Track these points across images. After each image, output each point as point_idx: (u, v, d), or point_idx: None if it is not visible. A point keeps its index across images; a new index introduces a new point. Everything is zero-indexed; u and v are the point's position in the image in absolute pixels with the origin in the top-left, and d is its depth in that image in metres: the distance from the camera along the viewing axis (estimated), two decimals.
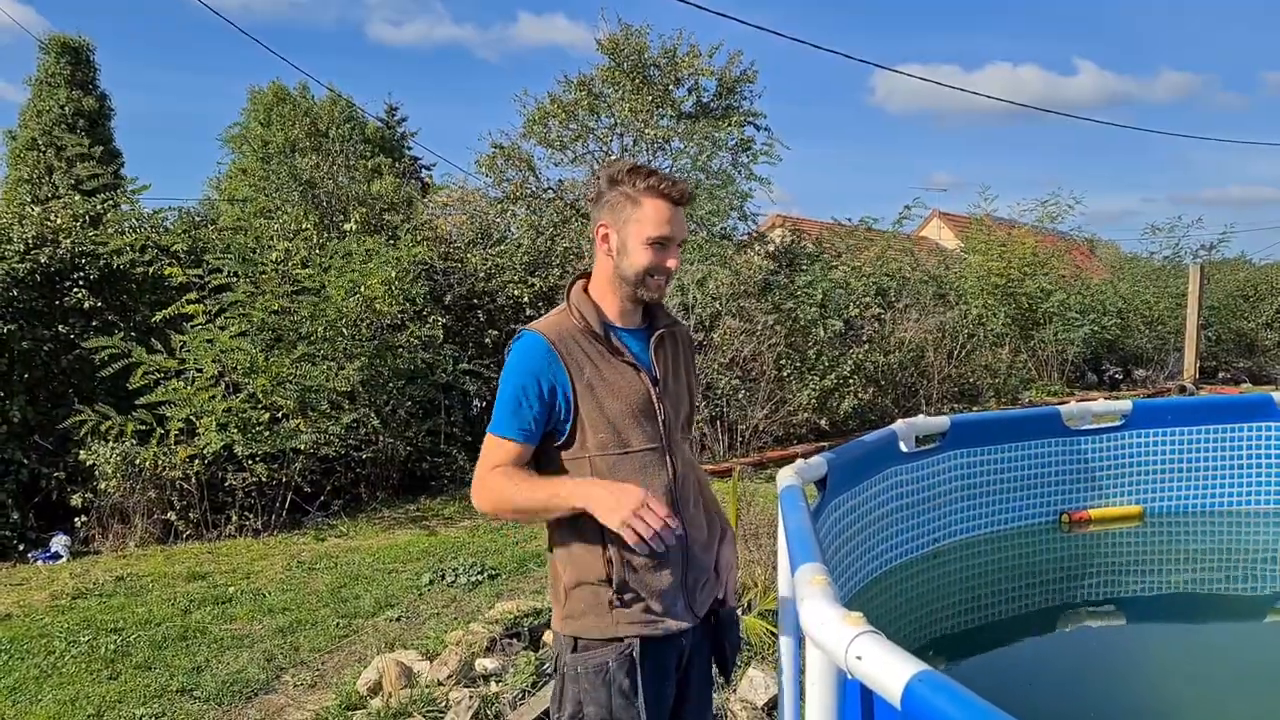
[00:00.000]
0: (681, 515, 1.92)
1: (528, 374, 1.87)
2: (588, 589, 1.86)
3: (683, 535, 1.91)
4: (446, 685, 3.68)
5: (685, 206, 1.97)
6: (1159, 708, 2.78)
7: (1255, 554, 3.96)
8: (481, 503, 1.89)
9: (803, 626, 1.21)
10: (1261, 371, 17.64)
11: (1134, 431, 3.90)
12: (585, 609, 1.87)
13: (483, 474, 1.88)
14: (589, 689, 1.83)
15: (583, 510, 1.79)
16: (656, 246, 1.91)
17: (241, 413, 6.52)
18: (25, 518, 6.56)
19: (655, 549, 1.77)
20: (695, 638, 1.97)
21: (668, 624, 1.88)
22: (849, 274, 11.15)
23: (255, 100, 25.05)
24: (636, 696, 1.82)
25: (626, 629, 1.84)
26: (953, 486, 3.44)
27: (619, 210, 1.92)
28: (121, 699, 3.83)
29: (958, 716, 0.94)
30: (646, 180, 1.91)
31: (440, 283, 8.85)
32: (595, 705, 1.82)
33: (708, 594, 2.00)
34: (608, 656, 1.84)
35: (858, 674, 1.09)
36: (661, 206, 1.90)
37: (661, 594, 1.87)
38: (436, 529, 6.78)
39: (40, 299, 6.84)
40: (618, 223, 1.93)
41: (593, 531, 1.84)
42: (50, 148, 16.45)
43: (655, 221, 1.90)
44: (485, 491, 1.87)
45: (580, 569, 1.87)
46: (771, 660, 3.82)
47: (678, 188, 1.93)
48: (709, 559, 2.01)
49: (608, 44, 11.83)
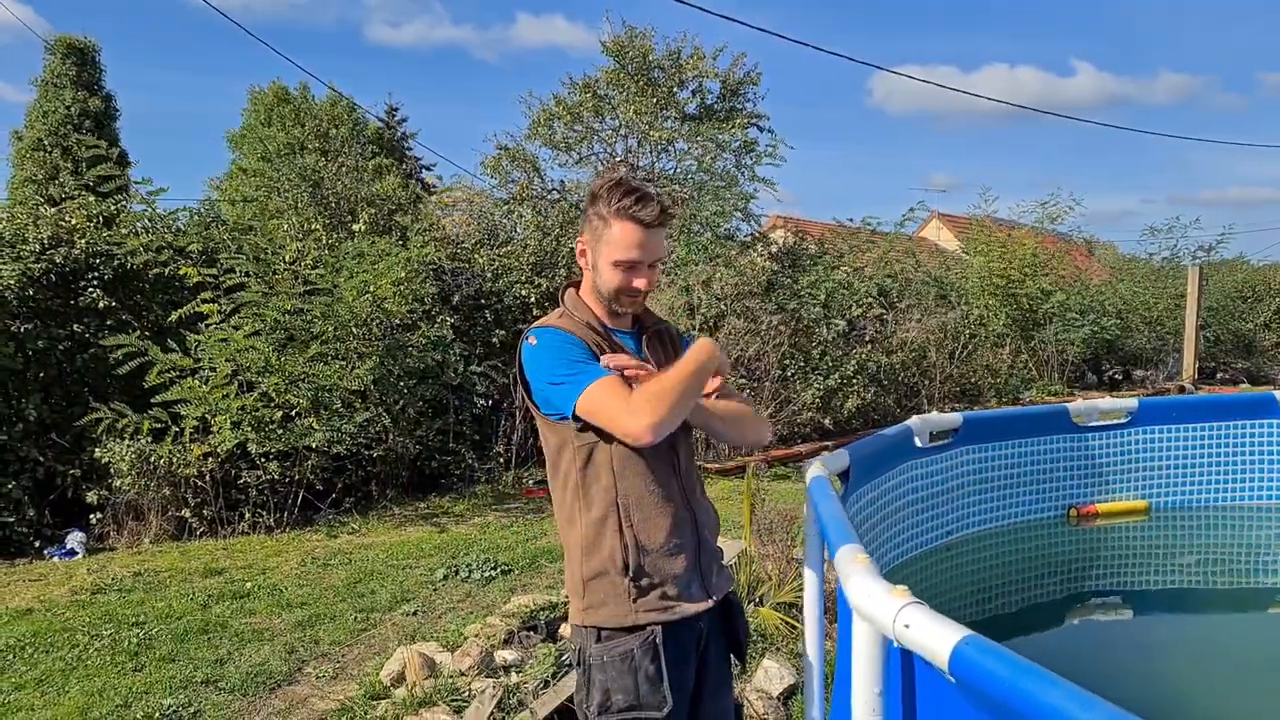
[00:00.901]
0: (691, 501, 2.00)
1: (565, 341, 1.91)
2: (605, 580, 1.91)
3: (694, 519, 1.99)
4: (469, 675, 3.76)
5: (662, 227, 1.96)
6: (1164, 697, 2.85)
7: (1258, 548, 4.04)
8: (649, 408, 1.79)
9: (850, 601, 1.29)
10: (1260, 372, 17.74)
11: (1140, 428, 3.98)
12: (605, 599, 1.91)
13: (633, 403, 1.80)
14: (616, 677, 1.88)
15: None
16: (625, 268, 1.93)
17: (255, 411, 6.59)
18: (41, 515, 6.63)
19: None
20: (711, 620, 2.02)
21: (684, 608, 1.93)
22: (852, 275, 11.24)
23: (256, 101, 25.12)
24: (662, 681, 1.87)
25: (646, 616, 1.90)
26: (965, 481, 3.52)
27: (594, 228, 1.97)
28: (148, 690, 3.90)
29: (1004, 674, 1.02)
30: (620, 201, 1.91)
31: (448, 283, 8.93)
32: (623, 692, 1.87)
33: (723, 578, 2.06)
34: (632, 644, 1.89)
35: (906, 641, 1.17)
36: (630, 230, 1.91)
37: (677, 578, 1.93)
38: (447, 526, 6.85)
39: (56, 298, 6.92)
40: (593, 241, 1.98)
41: (609, 521, 1.90)
42: (57, 148, 16.51)
43: (623, 245, 1.92)
44: (648, 398, 1.80)
45: (598, 559, 1.92)
46: (787, 652, 3.90)
47: (648, 210, 1.91)
48: (716, 543, 2.08)
49: (612, 46, 11.91)
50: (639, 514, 1.91)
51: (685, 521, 1.96)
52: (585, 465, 1.92)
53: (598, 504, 1.91)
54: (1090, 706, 0.93)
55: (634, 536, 1.90)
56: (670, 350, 2.11)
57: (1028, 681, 1.00)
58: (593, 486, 1.92)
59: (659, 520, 1.92)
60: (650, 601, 1.90)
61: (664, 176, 12.01)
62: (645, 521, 1.91)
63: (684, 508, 1.97)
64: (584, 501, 1.93)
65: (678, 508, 1.95)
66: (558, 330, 1.94)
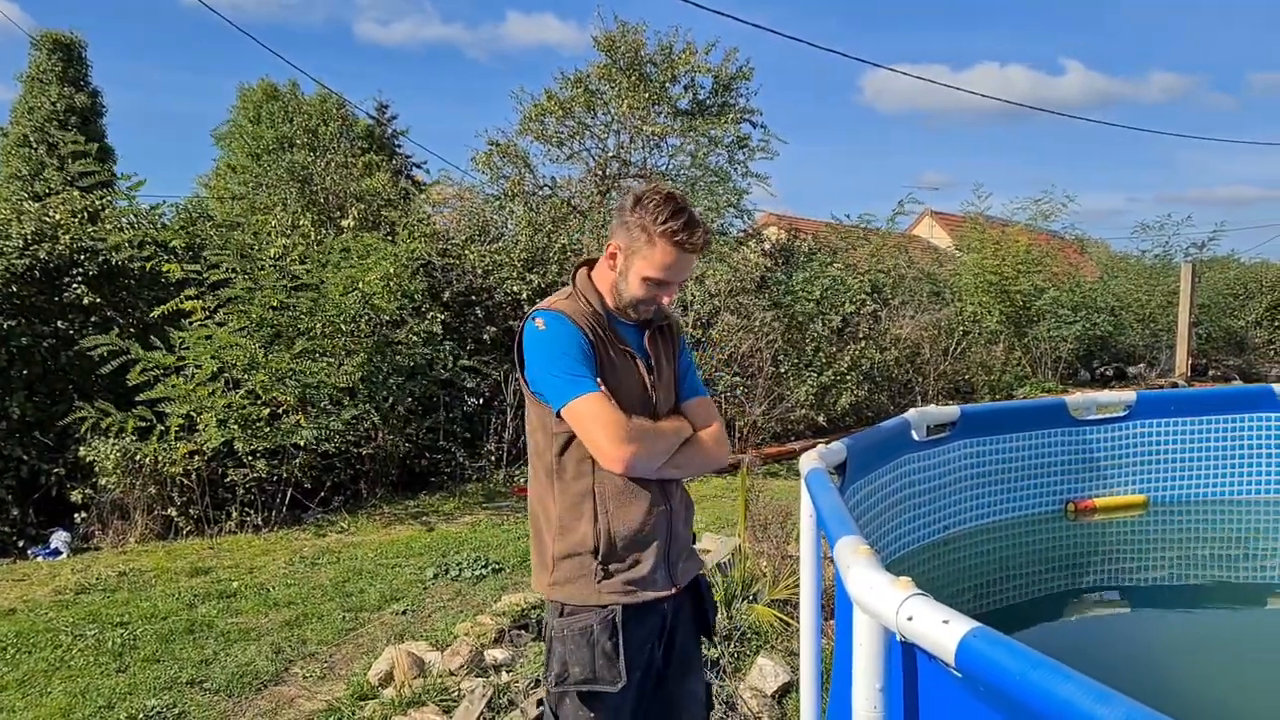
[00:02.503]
0: (666, 491, 2.02)
1: (570, 339, 1.90)
2: (576, 560, 1.95)
3: (669, 511, 2.00)
4: (458, 675, 3.69)
5: (701, 253, 1.98)
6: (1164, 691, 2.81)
7: (1256, 541, 4.01)
8: (634, 448, 1.86)
9: (850, 593, 1.23)
10: (1251, 369, 17.75)
11: (1138, 422, 3.94)
12: (571, 576, 1.95)
13: (616, 434, 1.84)
14: (574, 650, 1.92)
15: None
16: (653, 284, 1.94)
17: (241, 409, 6.51)
18: (25, 514, 6.55)
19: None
20: (678, 604, 2.06)
21: (648, 595, 1.96)
22: (845, 271, 11.20)
23: (245, 98, 24.97)
24: (619, 658, 1.91)
25: (609, 598, 1.93)
26: (962, 475, 3.47)
27: (633, 238, 1.94)
28: (132, 691, 3.82)
29: (1015, 668, 0.96)
30: (669, 223, 1.90)
31: (439, 279, 8.85)
32: (580, 665, 1.92)
33: (692, 565, 2.09)
34: (592, 620, 1.93)
35: (909, 634, 1.11)
36: (672, 253, 1.91)
37: (644, 566, 1.96)
38: (437, 525, 6.78)
39: (39, 295, 6.82)
40: (628, 249, 1.95)
41: (585, 507, 1.93)
42: (43, 144, 16.37)
43: (661, 266, 1.92)
44: (638, 437, 1.86)
45: (570, 541, 1.95)
46: (781, 649, 3.84)
47: (694, 239, 1.92)
48: (688, 534, 2.10)
49: (604, 41, 11.84)
50: (615, 503, 1.93)
51: (659, 513, 1.98)
52: (563, 451, 1.95)
53: (573, 489, 1.94)
54: (1106, 700, 0.88)
55: (608, 524, 1.93)
56: (670, 345, 2.11)
57: (1040, 675, 0.94)
58: (568, 472, 1.95)
59: (633, 510, 1.94)
60: (614, 585, 1.93)
61: (656, 172, 11.94)
62: (620, 510, 1.93)
63: (659, 499, 1.98)
64: (560, 484, 1.96)
65: (653, 498, 1.97)
66: (564, 319, 1.92)
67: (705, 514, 6.75)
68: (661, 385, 2.03)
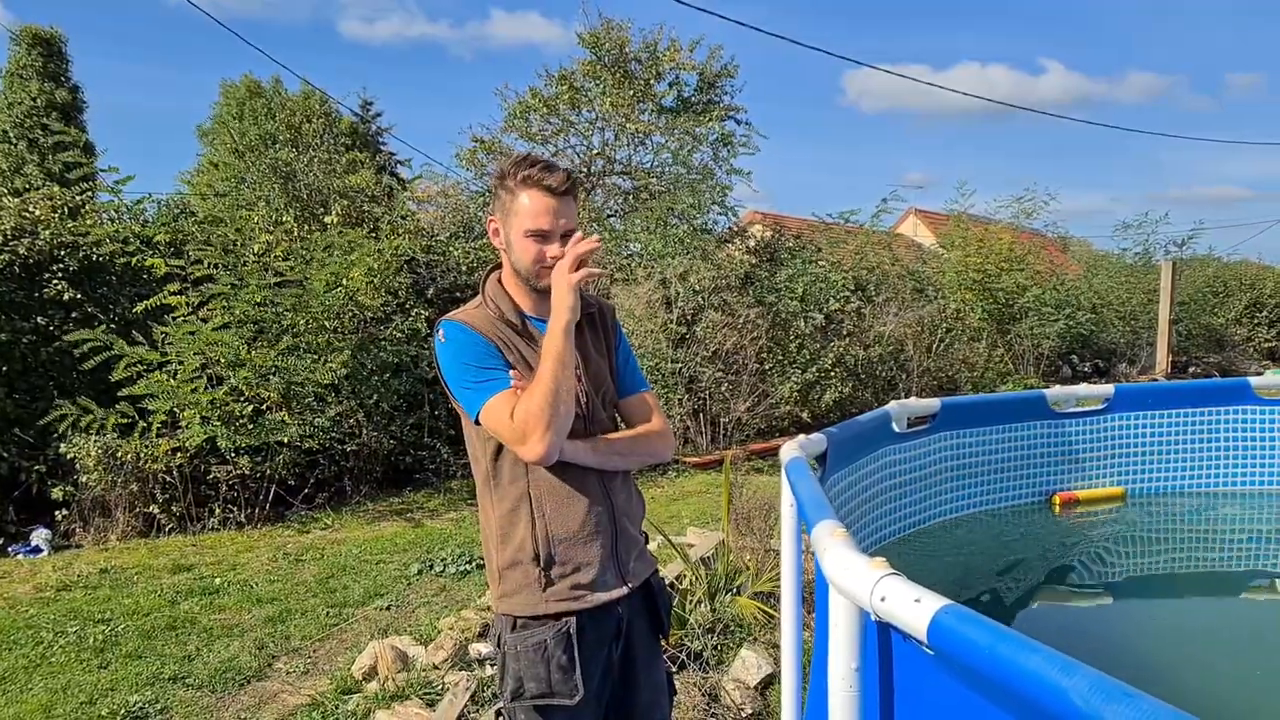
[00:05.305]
0: (609, 489, 1.96)
1: (470, 346, 1.87)
2: (519, 569, 1.90)
3: (611, 508, 1.96)
4: (442, 669, 3.70)
5: (569, 195, 1.92)
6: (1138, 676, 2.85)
7: (1231, 532, 4.06)
8: (531, 431, 1.77)
9: (826, 574, 1.25)
10: (1231, 366, 17.94)
11: (1116, 415, 3.99)
12: (517, 587, 1.90)
13: (510, 420, 1.79)
14: (528, 666, 1.87)
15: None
16: (537, 238, 1.89)
17: (225, 405, 6.48)
18: (5, 512, 6.49)
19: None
20: (633, 604, 2.00)
21: (598, 597, 1.91)
22: (829, 268, 11.25)
23: (228, 95, 24.79)
24: (574, 670, 1.87)
25: (557, 606, 1.88)
26: (943, 467, 3.51)
27: (502, 202, 1.93)
28: (114, 687, 3.81)
29: (984, 642, 0.98)
30: (525, 171, 1.88)
31: (423, 276, 8.83)
32: (535, 681, 1.87)
33: (643, 564, 2.03)
34: (545, 635, 1.88)
35: (883, 614, 1.13)
36: (538, 197, 1.88)
37: (589, 567, 1.91)
38: (421, 521, 6.78)
39: (19, 291, 6.76)
40: (503, 216, 1.93)
41: (522, 511, 1.89)
42: (22, 140, 16.20)
43: (532, 213, 1.88)
44: (525, 422, 1.77)
45: (511, 549, 1.91)
46: (764, 641, 3.87)
47: (554, 177, 1.88)
48: (638, 532, 2.05)
49: (589, 38, 11.84)
50: (551, 504, 1.89)
51: (601, 511, 1.93)
52: (496, 457, 1.90)
53: (510, 494, 1.90)
54: (1071, 671, 0.90)
55: (545, 527, 1.88)
56: (601, 335, 2.05)
57: (1008, 648, 0.96)
58: (504, 476, 1.90)
59: (572, 510, 1.90)
60: (561, 591, 1.89)
61: (641, 169, 11.95)
62: (557, 511, 1.89)
63: (600, 497, 1.93)
64: (496, 492, 1.92)
65: (593, 497, 1.92)
66: (465, 328, 1.89)
67: (689, 509, 6.77)
68: (589, 376, 1.96)
